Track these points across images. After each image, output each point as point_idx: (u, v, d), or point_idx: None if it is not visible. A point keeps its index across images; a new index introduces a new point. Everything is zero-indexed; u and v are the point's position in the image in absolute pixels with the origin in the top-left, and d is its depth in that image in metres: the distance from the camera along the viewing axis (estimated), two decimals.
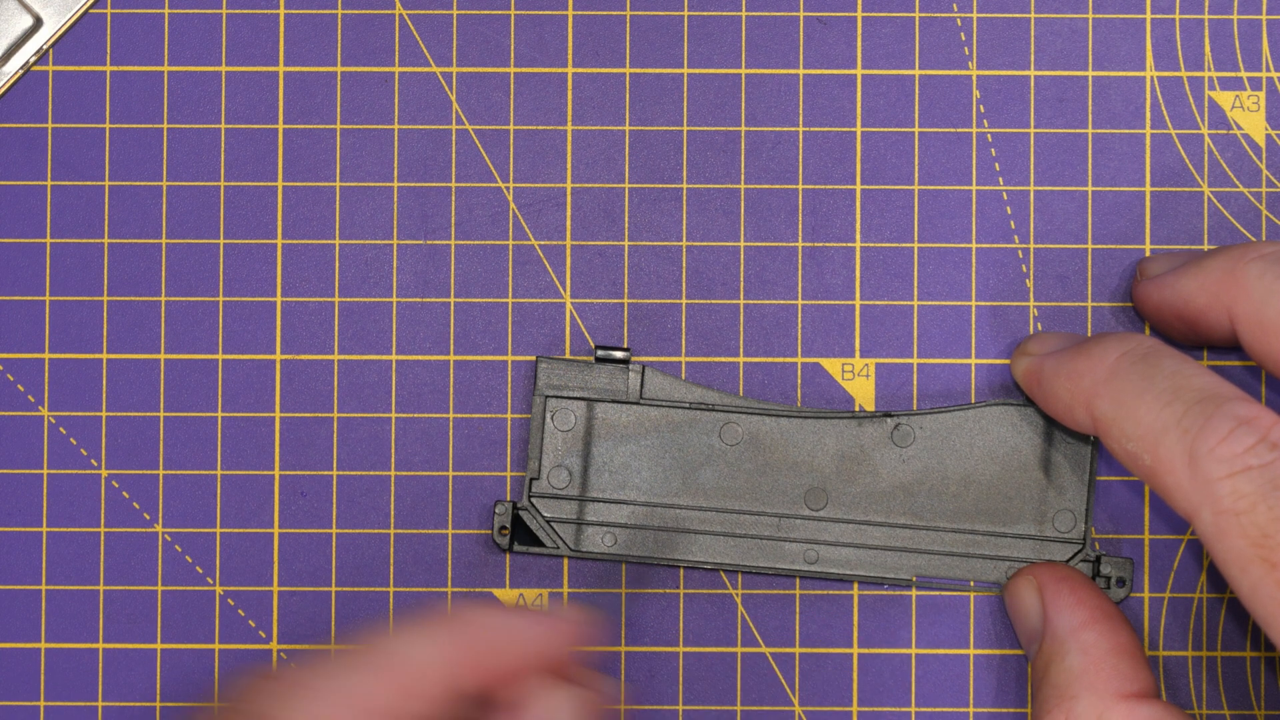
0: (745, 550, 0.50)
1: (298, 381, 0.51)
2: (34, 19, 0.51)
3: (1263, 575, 0.42)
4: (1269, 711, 0.51)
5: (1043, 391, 0.48)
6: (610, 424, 0.50)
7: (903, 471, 0.50)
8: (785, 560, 0.50)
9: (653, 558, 0.50)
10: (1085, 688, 0.46)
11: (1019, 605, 0.49)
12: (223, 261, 0.51)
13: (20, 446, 0.51)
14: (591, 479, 0.50)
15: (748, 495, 0.50)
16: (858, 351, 0.51)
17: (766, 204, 0.51)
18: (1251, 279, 0.46)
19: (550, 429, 0.50)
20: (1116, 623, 0.47)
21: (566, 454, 0.50)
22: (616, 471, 0.50)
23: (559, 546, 0.50)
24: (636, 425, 0.50)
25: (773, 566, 0.50)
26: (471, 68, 0.52)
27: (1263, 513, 0.42)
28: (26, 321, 0.51)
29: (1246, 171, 0.51)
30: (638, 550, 0.50)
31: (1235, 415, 0.43)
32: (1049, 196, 0.51)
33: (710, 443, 0.50)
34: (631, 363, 0.50)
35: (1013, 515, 0.50)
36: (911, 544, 0.50)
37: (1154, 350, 0.46)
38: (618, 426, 0.50)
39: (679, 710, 0.51)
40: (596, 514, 0.50)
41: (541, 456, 0.50)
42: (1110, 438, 0.45)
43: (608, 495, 0.50)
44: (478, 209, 0.51)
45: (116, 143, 0.51)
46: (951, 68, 0.51)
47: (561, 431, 0.50)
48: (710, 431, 0.50)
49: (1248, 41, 0.51)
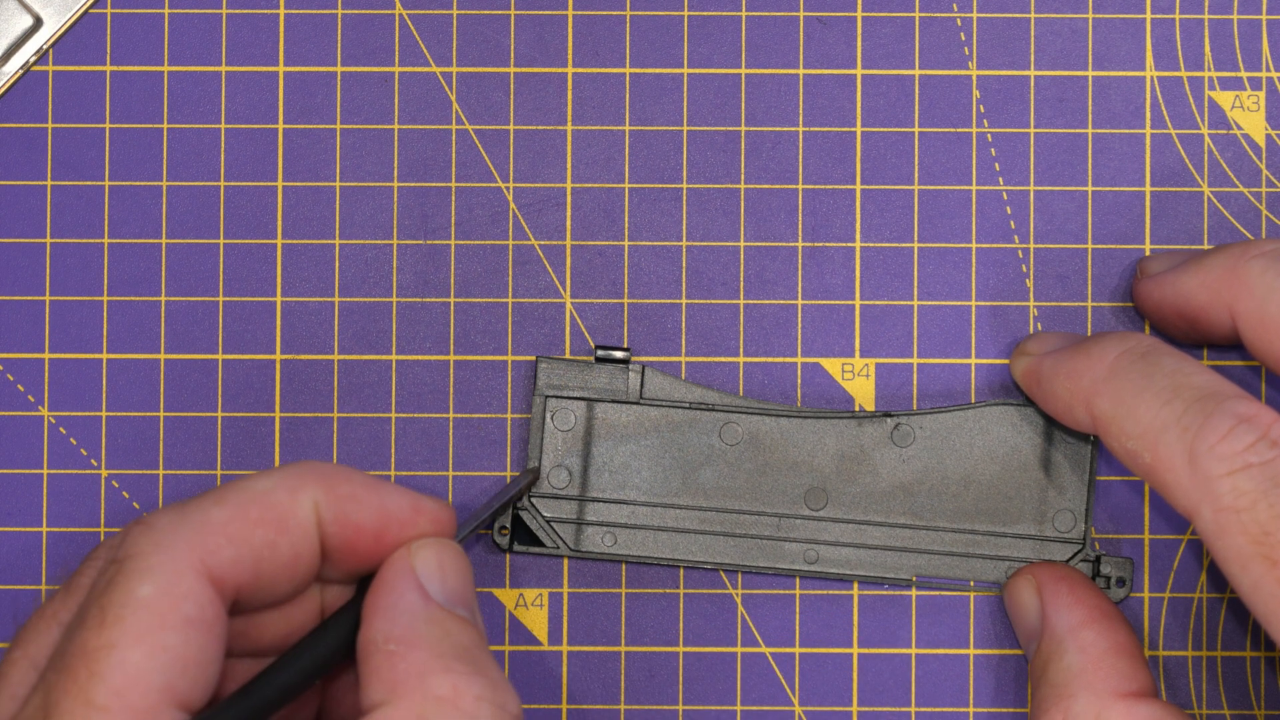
0: (745, 550, 0.50)
1: (298, 381, 0.51)
2: (34, 19, 0.51)
3: (1263, 573, 0.42)
4: (1269, 711, 0.51)
5: (1042, 391, 0.48)
6: (610, 424, 0.50)
7: (903, 471, 0.50)
8: (785, 560, 0.50)
9: (653, 558, 0.50)
10: (1083, 686, 0.46)
11: (1018, 604, 0.49)
12: (223, 261, 0.51)
13: (20, 446, 0.51)
14: (591, 479, 0.50)
15: (747, 495, 0.50)
16: (858, 351, 0.51)
17: (766, 204, 0.51)
18: (1253, 276, 0.46)
19: (550, 429, 0.50)
20: (1115, 622, 0.47)
21: (566, 454, 0.50)
22: (616, 471, 0.50)
23: (559, 546, 0.50)
24: (636, 425, 0.50)
25: (773, 566, 0.50)
26: (471, 68, 0.52)
27: (1263, 510, 0.42)
28: (26, 321, 0.51)
29: (1246, 171, 0.51)
30: (638, 550, 0.50)
31: (1235, 413, 0.43)
32: (1049, 196, 0.51)
33: (710, 443, 0.50)
34: (631, 363, 0.50)
35: (1012, 515, 0.50)
36: (911, 544, 0.50)
37: (1153, 349, 0.46)
38: (618, 426, 0.50)
39: (679, 710, 0.51)
40: (596, 514, 0.50)
41: (541, 456, 0.50)
42: (1110, 436, 0.45)
43: (608, 495, 0.50)
44: (478, 209, 0.51)
45: (116, 143, 0.51)
46: (951, 68, 0.51)
47: (561, 431, 0.50)
48: (710, 431, 0.50)
49: (1248, 41, 0.51)
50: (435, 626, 0.43)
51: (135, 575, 0.41)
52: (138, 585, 0.41)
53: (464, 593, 0.44)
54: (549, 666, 0.51)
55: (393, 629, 0.43)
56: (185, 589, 0.42)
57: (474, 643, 0.43)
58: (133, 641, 0.41)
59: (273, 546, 0.43)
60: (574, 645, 0.51)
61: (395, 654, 0.42)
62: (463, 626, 0.43)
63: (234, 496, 0.43)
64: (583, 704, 0.51)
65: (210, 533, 0.42)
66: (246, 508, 0.43)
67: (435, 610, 0.43)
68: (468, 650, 0.43)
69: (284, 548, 0.43)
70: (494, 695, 0.42)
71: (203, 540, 0.42)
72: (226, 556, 0.42)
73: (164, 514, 0.43)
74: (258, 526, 0.43)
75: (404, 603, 0.43)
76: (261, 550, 0.43)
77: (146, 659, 0.41)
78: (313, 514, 0.44)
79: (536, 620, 0.51)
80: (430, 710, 0.41)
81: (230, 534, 0.43)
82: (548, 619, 0.51)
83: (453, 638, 0.43)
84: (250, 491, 0.43)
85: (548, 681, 0.51)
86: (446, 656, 0.42)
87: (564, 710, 0.51)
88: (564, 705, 0.51)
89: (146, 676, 0.41)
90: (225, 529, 0.43)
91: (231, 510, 0.43)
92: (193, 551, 0.42)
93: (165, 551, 0.42)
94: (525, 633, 0.51)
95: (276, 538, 0.43)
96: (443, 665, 0.42)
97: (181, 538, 0.42)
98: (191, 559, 0.42)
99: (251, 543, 0.43)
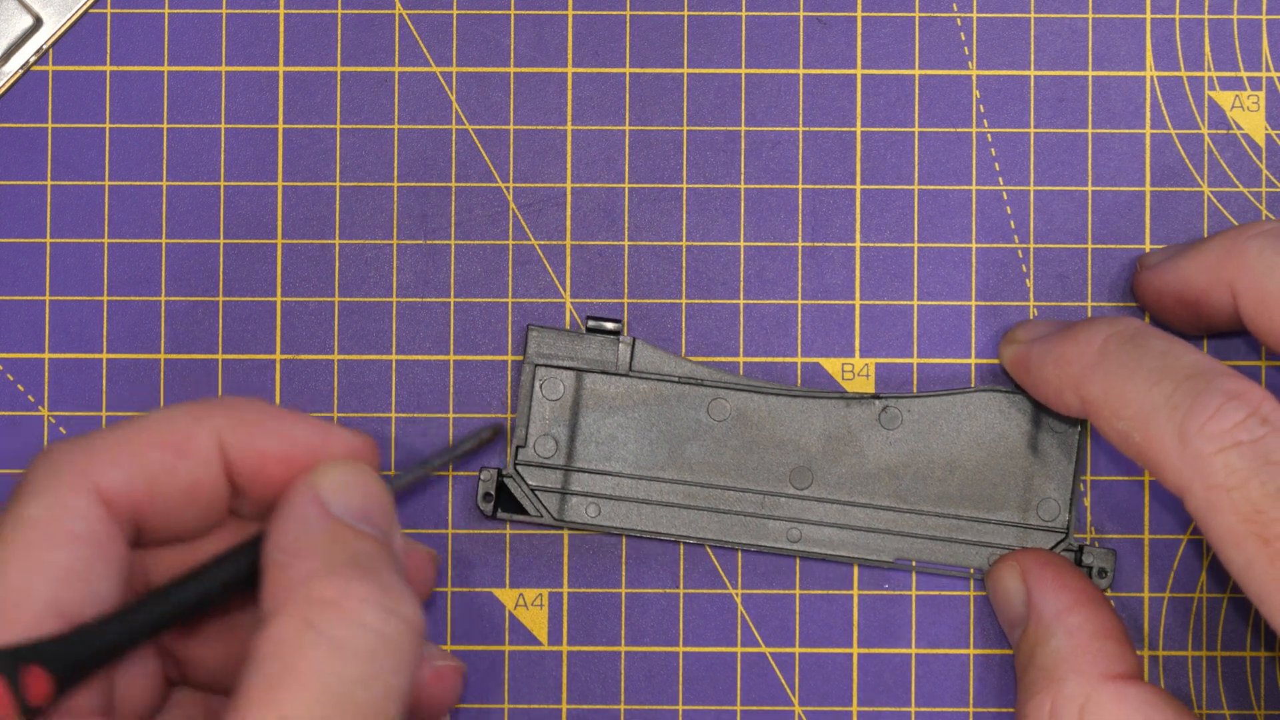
0: (728, 526, 0.50)
1: (298, 381, 0.51)
2: (34, 19, 0.51)
3: (1256, 551, 0.42)
4: (1269, 711, 0.51)
5: (1031, 377, 0.48)
6: (599, 395, 0.50)
7: (889, 454, 0.50)
8: (768, 538, 0.50)
9: (636, 530, 0.50)
10: (1071, 670, 0.46)
11: (1002, 590, 0.49)
12: (223, 261, 0.51)
13: (20, 446, 0.51)
14: (578, 449, 0.50)
15: (733, 471, 0.50)
16: (858, 351, 0.51)
17: (766, 204, 0.51)
18: (1252, 254, 0.46)
19: (538, 397, 0.50)
20: (1101, 606, 0.47)
21: (554, 423, 0.50)
22: (603, 443, 0.50)
23: (542, 515, 0.50)
24: (625, 397, 0.50)
25: (755, 544, 0.50)
26: (471, 68, 0.52)
27: (1255, 488, 0.42)
28: (26, 321, 0.51)
29: (1246, 171, 0.51)
30: (621, 522, 0.50)
31: (1225, 390, 0.43)
32: (1049, 196, 0.51)
33: (698, 418, 0.50)
34: (622, 335, 0.50)
35: (997, 502, 0.50)
36: (895, 526, 0.50)
37: (1141, 331, 0.46)
38: (606, 398, 0.50)
39: (679, 710, 0.51)
40: (581, 484, 0.50)
41: (529, 424, 0.50)
42: (1100, 419, 0.45)
43: (594, 466, 0.50)
44: (478, 209, 0.51)
45: (116, 143, 0.51)
46: (951, 68, 0.51)
47: (549, 400, 0.50)
48: (698, 406, 0.50)
49: (1248, 41, 0.51)
50: (328, 536, 0.42)
51: (25, 497, 0.42)
52: (26, 506, 0.42)
53: (370, 510, 0.43)
54: (549, 666, 0.51)
55: (284, 540, 0.42)
56: (71, 507, 0.42)
57: (372, 552, 0.42)
58: (20, 560, 0.41)
59: (171, 471, 0.43)
60: (574, 645, 0.51)
61: (285, 564, 0.42)
62: (360, 537, 0.42)
63: (132, 423, 0.44)
64: (583, 704, 0.51)
65: (101, 455, 0.43)
66: (142, 431, 0.43)
67: (331, 523, 0.42)
68: (362, 557, 0.42)
69: (183, 472, 0.43)
70: (383, 598, 0.41)
71: (92, 461, 0.43)
72: (118, 477, 0.43)
73: (63, 442, 0.43)
74: (153, 449, 0.43)
75: (298, 514, 0.43)
76: (158, 473, 0.43)
77: (29, 573, 0.41)
78: (214, 440, 0.44)
79: (536, 620, 0.51)
80: (314, 614, 0.40)
81: (122, 455, 0.43)
82: (548, 619, 0.51)
83: (346, 546, 0.42)
84: (149, 419, 0.44)
85: (547, 681, 0.51)
86: (336, 562, 0.41)
87: (564, 710, 0.51)
88: (564, 705, 0.51)
89: (30, 590, 0.41)
90: (118, 450, 0.43)
91: (126, 433, 0.43)
92: (81, 473, 0.42)
93: (55, 474, 0.42)
94: (525, 633, 0.51)
95: (175, 461, 0.43)
96: (329, 569, 0.41)
97: (73, 460, 0.43)
98: (79, 479, 0.42)
99: (146, 465, 0.43)
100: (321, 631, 0.40)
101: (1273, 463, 0.42)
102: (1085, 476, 0.51)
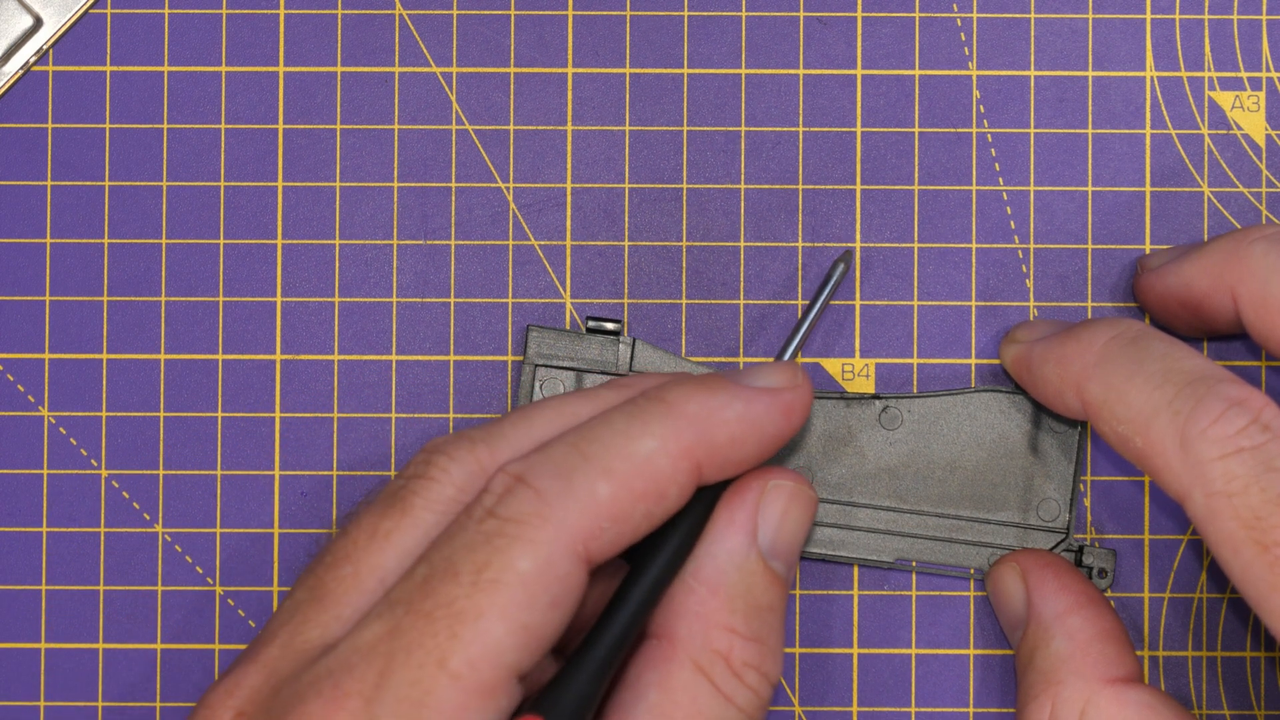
0: None
1: (298, 381, 0.51)
2: (34, 19, 0.51)
3: (1255, 557, 0.42)
4: (1269, 711, 0.51)
5: (1032, 377, 0.48)
6: None
7: (889, 454, 0.50)
8: None
9: None
10: (1071, 672, 0.46)
11: (1002, 591, 0.49)
12: (223, 261, 0.51)
13: (20, 446, 0.51)
14: None
15: None
16: (858, 351, 0.51)
17: (766, 204, 0.51)
18: (1255, 258, 0.46)
19: (538, 398, 0.50)
20: (1101, 608, 0.47)
21: None
22: None
23: None
24: None
25: None
26: (471, 68, 0.52)
27: (1255, 495, 0.42)
28: (26, 321, 0.51)
29: (1246, 171, 0.51)
30: None
31: (1227, 397, 0.43)
32: (1049, 196, 0.51)
33: None
34: (622, 335, 0.50)
35: (997, 502, 0.50)
36: (895, 527, 0.50)
37: (1143, 334, 0.46)
38: None
39: None
40: None
41: None
42: (1101, 421, 0.45)
43: None
44: (478, 209, 0.51)
45: (116, 143, 0.51)
46: (951, 68, 0.51)
47: None
48: None
49: (1248, 41, 0.51)
50: (744, 583, 0.44)
51: (519, 545, 0.41)
52: (519, 557, 0.40)
53: (792, 544, 0.45)
54: None
55: (703, 568, 0.43)
56: (562, 571, 0.41)
57: (771, 604, 0.44)
58: (500, 614, 0.40)
59: (649, 519, 0.43)
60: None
61: (694, 591, 0.43)
62: (769, 584, 0.44)
63: (620, 465, 0.42)
64: None
65: (597, 513, 0.41)
66: (631, 481, 0.42)
67: (752, 561, 0.44)
68: (760, 612, 0.43)
69: (657, 518, 0.43)
70: (762, 663, 0.43)
71: (590, 522, 0.41)
72: (607, 539, 0.42)
73: (547, 476, 0.42)
74: (640, 501, 0.42)
75: (727, 544, 0.44)
76: (640, 526, 0.42)
77: (507, 635, 0.40)
78: (693, 478, 0.43)
79: None
80: (705, 661, 0.42)
81: (614, 513, 0.42)
82: None
83: (753, 595, 0.43)
84: (635, 459, 0.42)
85: None
86: (738, 614, 0.43)
87: None
88: None
89: (502, 653, 0.40)
90: (611, 508, 0.42)
91: (618, 486, 0.42)
92: (578, 533, 0.41)
93: (552, 527, 0.41)
94: None
95: (655, 508, 0.43)
96: (729, 624, 0.43)
97: (570, 514, 0.41)
98: (574, 541, 0.41)
99: (632, 520, 0.42)
100: (711, 681, 0.42)
101: (1273, 469, 0.42)
102: (1085, 477, 0.51)
